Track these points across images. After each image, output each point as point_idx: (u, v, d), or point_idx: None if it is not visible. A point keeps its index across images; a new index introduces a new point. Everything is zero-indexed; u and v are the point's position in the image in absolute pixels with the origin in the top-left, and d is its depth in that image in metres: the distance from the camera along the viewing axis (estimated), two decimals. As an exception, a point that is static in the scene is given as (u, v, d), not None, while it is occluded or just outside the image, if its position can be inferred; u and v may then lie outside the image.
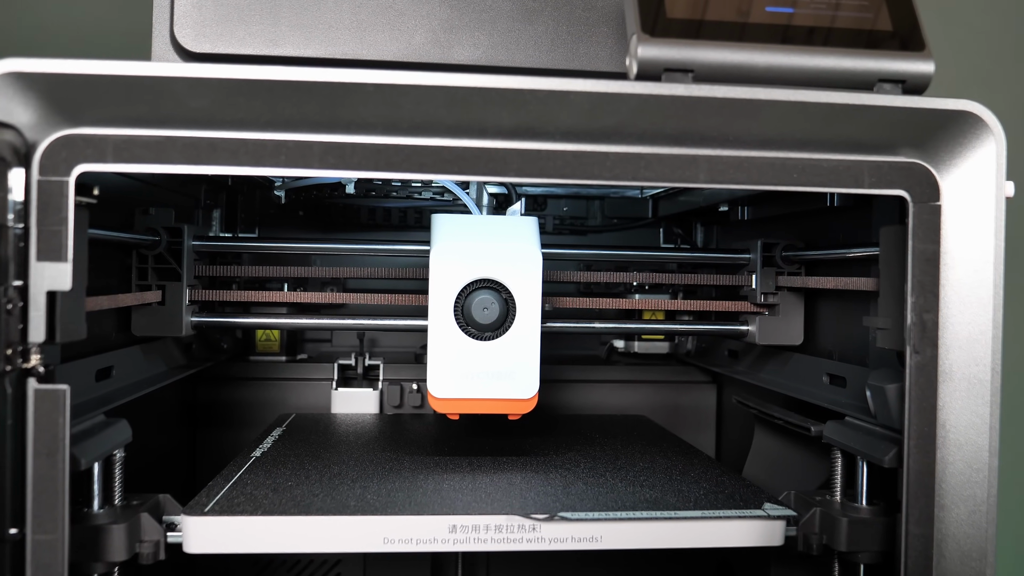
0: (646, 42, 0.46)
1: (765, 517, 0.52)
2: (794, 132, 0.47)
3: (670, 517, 0.51)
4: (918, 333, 0.47)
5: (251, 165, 0.43)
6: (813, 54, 0.47)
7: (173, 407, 0.79)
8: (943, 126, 0.47)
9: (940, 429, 0.47)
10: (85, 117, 0.42)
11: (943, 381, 0.47)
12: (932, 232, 0.47)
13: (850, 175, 0.47)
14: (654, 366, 0.92)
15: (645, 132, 0.46)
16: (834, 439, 0.56)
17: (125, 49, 0.92)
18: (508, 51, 0.54)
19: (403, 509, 0.50)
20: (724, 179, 0.46)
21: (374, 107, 0.44)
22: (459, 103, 0.44)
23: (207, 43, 0.52)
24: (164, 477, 0.74)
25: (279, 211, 0.91)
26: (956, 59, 1.04)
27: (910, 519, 0.47)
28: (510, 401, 0.59)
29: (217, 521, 0.49)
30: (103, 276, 0.61)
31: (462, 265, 0.58)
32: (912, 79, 0.48)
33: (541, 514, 0.50)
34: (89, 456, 0.46)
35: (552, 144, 0.45)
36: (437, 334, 0.58)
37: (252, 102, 0.43)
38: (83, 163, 0.42)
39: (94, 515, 0.48)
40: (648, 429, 0.77)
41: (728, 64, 0.47)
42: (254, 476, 0.57)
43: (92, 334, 0.47)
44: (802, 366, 0.70)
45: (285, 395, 0.85)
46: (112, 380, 0.59)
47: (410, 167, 0.45)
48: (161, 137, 0.43)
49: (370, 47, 0.53)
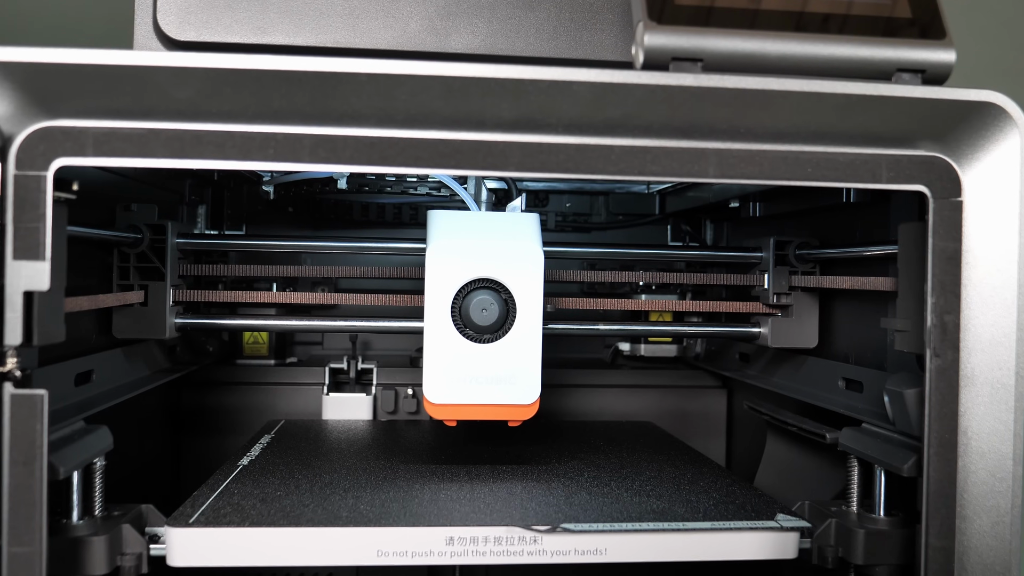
0: (653, 30, 0.46)
1: (778, 529, 0.52)
2: (808, 124, 0.47)
3: (678, 529, 0.51)
4: (938, 335, 0.47)
5: (238, 159, 0.43)
6: (828, 42, 0.47)
7: (156, 413, 0.79)
8: (965, 118, 0.47)
9: (961, 436, 0.47)
10: (64, 109, 0.42)
11: (965, 386, 0.47)
12: (953, 229, 0.47)
13: (867, 169, 0.47)
14: (661, 370, 0.92)
15: (652, 124, 0.46)
16: (850, 447, 0.56)
17: (106, 37, 0.92)
18: (508, 39, 0.54)
19: (398, 520, 0.50)
20: (735, 174, 0.46)
21: (367, 98, 0.44)
22: (456, 94, 0.44)
23: (192, 31, 0.52)
24: (147, 487, 0.74)
25: (267, 207, 0.91)
26: (978, 48, 1.04)
27: (930, 531, 0.47)
28: (510, 407, 0.59)
29: (202, 533, 0.49)
30: (83, 276, 0.61)
31: (460, 264, 0.58)
32: (932, 69, 0.48)
33: (543, 525, 0.50)
34: (68, 464, 0.46)
35: (554, 137, 0.45)
36: (433, 336, 0.58)
37: (239, 93, 0.43)
38: (62, 157, 0.42)
39: (73, 527, 0.48)
40: (655, 436, 0.77)
41: (739, 53, 0.47)
42: (241, 486, 0.57)
43: (71, 336, 0.47)
44: (817, 370, 0.70)
45: (274, 400, 0.85)
46: (92, 385, 0.59)
47: (405, 161, 0.45)
48: (144, 130, 0.43)
49: (363, 35, 0.53)
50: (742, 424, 0.88)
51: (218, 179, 0.85)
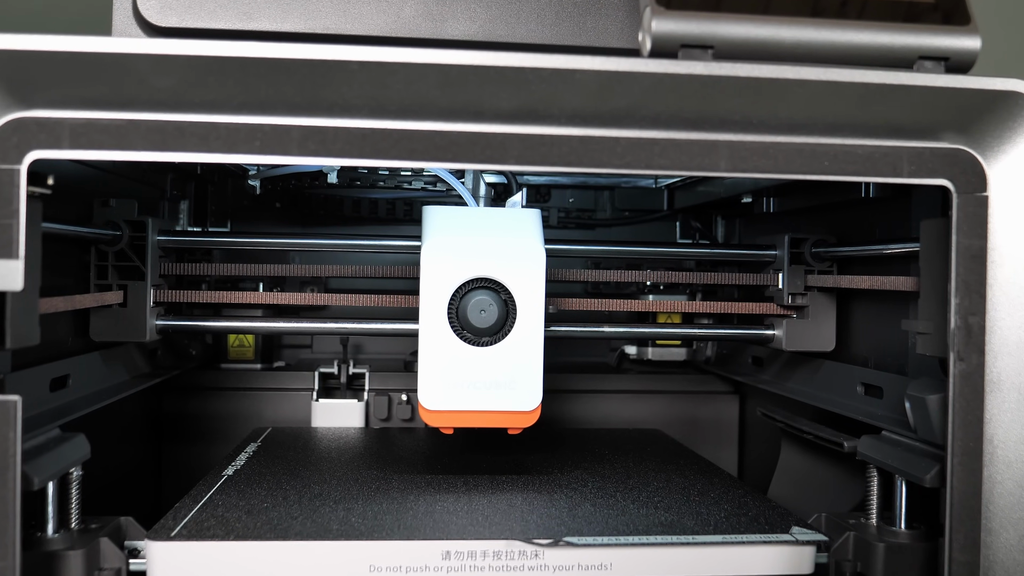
0: (661, 15, 0.46)
1: (793, 542, 0.52)
2: (825, 115, 0.47)
3: (688, 542, 0.51)
4: (963, 338, 0.47)
5: (223, 151, 0.43)
6: (846, 28, 0.47)
7: (136, 420, 0.79)
8: (990, 108, 0.47)
9: (987, 445, 0.47)
10: (38, 98, 0.42)
11: (990, 391, 0.47)
12: (978, 226, 0.47)
13: (887, 163, 0.47)
14: (670, 375, 0.92)
15: (660, 115, 0.46)
16: (869, 456, 0.56)
17: (83, 23, 0.92)
18: (508, 25, 0.54)
19: (391, 534, 0.50)
20: (747, 167, 0.46)
21: (359, 87, 0.44)
22: (453, 83, 0.44)
23: (174, 16, 0.52)
24: (126, 498, 0.74)
25: (254, 203, 0.91)
26: (1005, 34, 1.04)
27: (954, 545, 0.47)
28: (510, 414, 0.59)
29: (185, 547, 0.49)
30: (58, 275, 0.61)
31: (457, 262, 0.58)
32: (956, 56, 0.48)
33: (544, 539, 0.50)
34: (43, 474, 0.46)
35: (556, 128, 0.45)
36: (429, 339, 0.58)
37: (224, 82, 0.43)
38: (36, 149, 0.42)
39: (48, 540, 0.48)
40: (663, 445, 0.77)
41: (752, 39, 0.47)
42: (226, 497, 0.57)
43: (46, 339, 0.47)
44: (834, 375, 0.70)
45: (260, 407, 0.85)
46: (68, 390, 0.59)
47: (399, 154, 0.45)
48: (123, 120, 0.43)
49: (354, 21, 0.53)
50: (755, 432, 0.88)
51: (201, 173, 0.85)
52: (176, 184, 0.84)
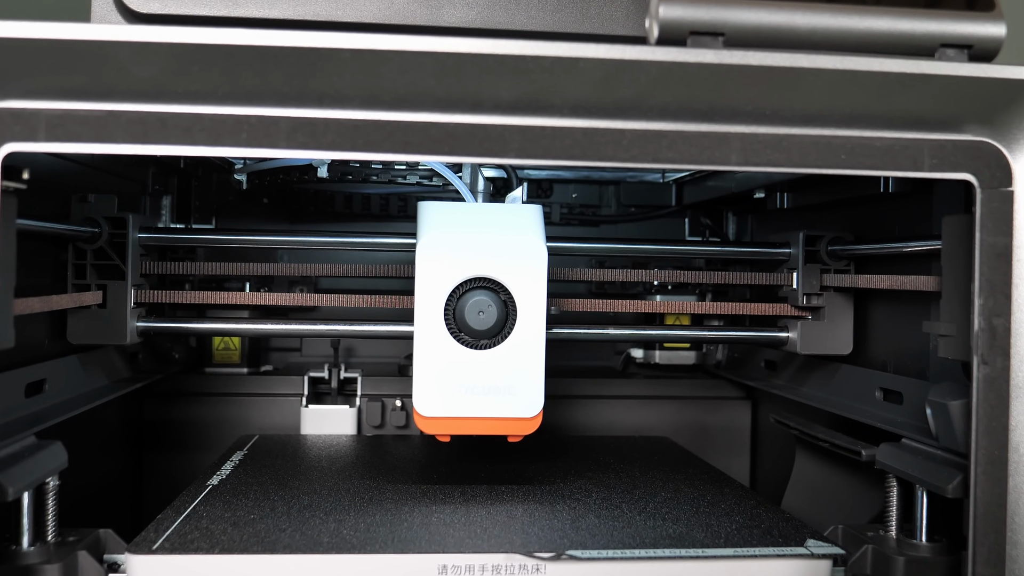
0: (669, 0, 0.46)
1: (808, 556, 0.52)
2: (842, 106, 0.47)
3: (697, 556, 0.51)
4: (987, 341, 0.47)
5: (207, 144, 0.43)
6: (864, 14, 0.47)
7: (116, 427, 0.79)
8: (1016, 99, 0.47)
9: (1012, 453, 0.47)
10: (13, 88, 0.42)
11: (1016, 397, 0.47)
12: (1003, 222, 0.47)
13: (907, 156, 0.47)
14: (678, 379, 0.92)
15: (668, 106, 0.46)
16: (889, 464, 0.56)
17: (60, 9, 0.92)
18: (507, 11, 0.54)
19: (385, 546, 0.50)
20: (760, 160, 0.46)
21: (351, 76, 0.44)
22: (450, 72, 0.44)
23: (156, 2, 0.52)
24: (105, 509, 0.74)
25: (240, 198, 0.91)
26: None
27: (977, 558, 0.47)
28: (510, 420, 0.59)
29: (167, 561, 0.49)
30: (34, 274, 0.61)
31: (454, 261, 0.58)
32: (980, 44, 0.48)
33: (546, 552, 0.50)
34: (17, 484, 0.46)
35: (559, 120, 0.45)
36: (425, 342, 0.58)
37: (208, 71, 0.43)
38: (10, 142, 0.42)
39: (23, 553, 0.48)
40: (671, 453, 0.77)
41: (765, 26, 0.47)
42: (211, 508, 0.57)
43: (21, 342, 0.47)
44: (851, 379, 0.70)
45: (246, 413, 0.85)
46: (44, 396, 0.59)
47: (393, 147, 0.45)
48: (102, 112, 0.43)
49: (346, 7, 0.53)
50: (768, 439, 0.88)
51: (185, 167, 0.85)
52: (158, 179, 0.84)
